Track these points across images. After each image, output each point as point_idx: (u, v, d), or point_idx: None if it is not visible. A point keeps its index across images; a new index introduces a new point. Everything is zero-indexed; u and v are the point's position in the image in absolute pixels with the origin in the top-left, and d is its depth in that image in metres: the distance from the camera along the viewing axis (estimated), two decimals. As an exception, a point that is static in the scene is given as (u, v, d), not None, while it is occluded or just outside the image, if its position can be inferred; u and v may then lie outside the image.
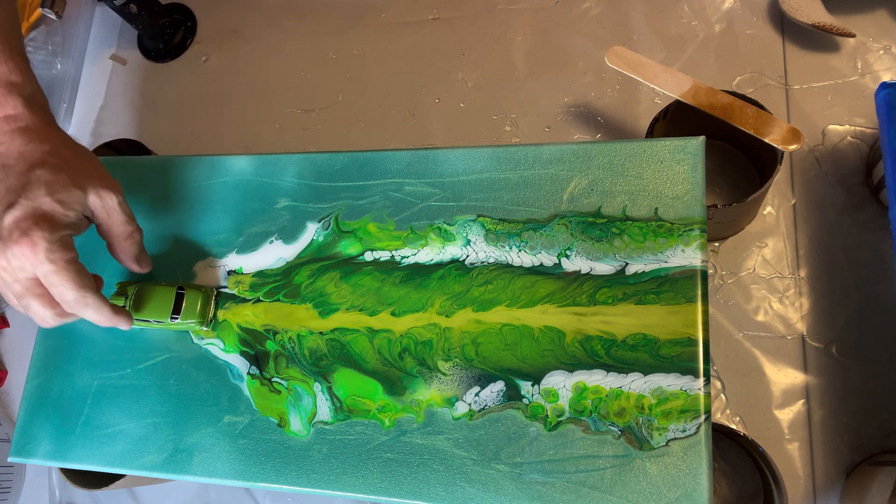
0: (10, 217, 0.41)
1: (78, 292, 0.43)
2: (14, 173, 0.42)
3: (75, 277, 0.42)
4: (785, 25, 0.65)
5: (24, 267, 0.42)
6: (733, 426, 0.55)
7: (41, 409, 0.52)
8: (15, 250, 0.41)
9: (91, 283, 0.44)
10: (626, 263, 0.44)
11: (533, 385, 0.43)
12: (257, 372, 0.49)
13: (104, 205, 0.45)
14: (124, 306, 0.50)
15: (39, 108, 0.46)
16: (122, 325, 0.47)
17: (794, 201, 0.61)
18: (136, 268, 0.49)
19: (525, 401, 0.43)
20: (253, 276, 0.51)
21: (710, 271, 0.60)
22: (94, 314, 0.45)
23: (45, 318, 0.44)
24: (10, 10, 0.48)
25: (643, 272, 0.43)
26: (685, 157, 0.45)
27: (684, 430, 0.40)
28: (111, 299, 0.50)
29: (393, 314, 0.47)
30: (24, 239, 0.41)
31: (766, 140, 0.52)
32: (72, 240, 0.44)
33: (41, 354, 0.54)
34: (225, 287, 0.51)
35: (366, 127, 0.74)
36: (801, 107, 0.63)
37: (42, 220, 0.41)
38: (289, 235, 0.51)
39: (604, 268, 0.44)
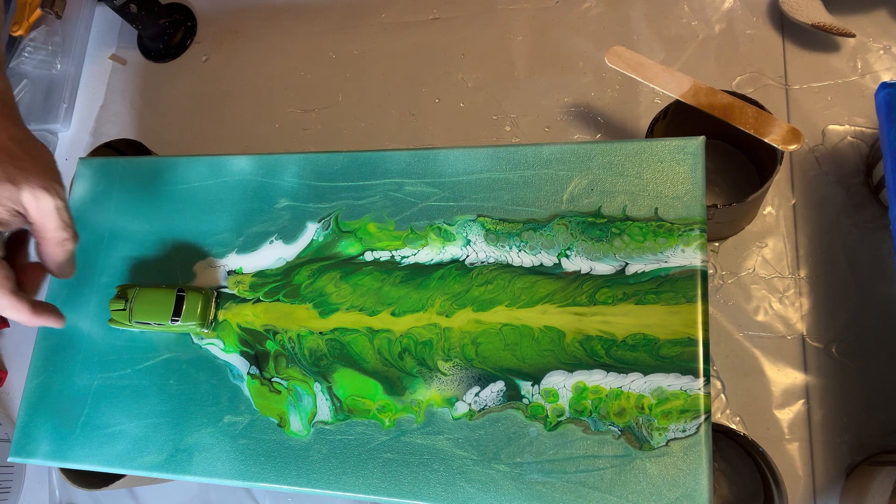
0: None
1: None
2: None
3: None
4: (785, 25, 0.65)
5: None
6: (733, 426, 0.55)
7: (41, 409, 0.52)
8: None
9: (7, 283, 0.42)
10: (626, 263, 0.44)
11: (533, 385, 0.43)
12: (257, 372, 0.49)
13: (39, 206, 0.43)
14: (124, 309, 0.50)
15: (1, 103, 0.44)
16: (53, 323, 0.45)
17: (794, 201, 0.61)
18: (56, 273, 0.46)
19: (525, 401, 0.43)
20: (253, 276, 0.51)
21: (710, 271, 0.60)
22: (12, 314, 0.42)
23: None
24: None
25: (643, 272, 0.43)
26: (685, 157, 0.45)
27: (684, 430, 0.40)
28: (111, 303, 0.50)
29: (393, 314, 0.47)
30: None
31: (766, 140, 0.52)
32: None
33: (41, 354, 0.54)
34: (225, 287, 0.51)
35: (365, 127, 0.74)
36: (801, 107, 0.63)
37: None
38: (289, 235, 0.51)
39: (604, 268, 0.44)
